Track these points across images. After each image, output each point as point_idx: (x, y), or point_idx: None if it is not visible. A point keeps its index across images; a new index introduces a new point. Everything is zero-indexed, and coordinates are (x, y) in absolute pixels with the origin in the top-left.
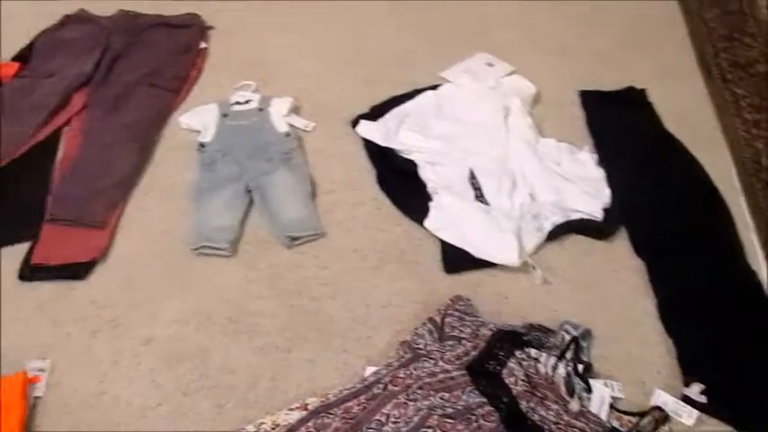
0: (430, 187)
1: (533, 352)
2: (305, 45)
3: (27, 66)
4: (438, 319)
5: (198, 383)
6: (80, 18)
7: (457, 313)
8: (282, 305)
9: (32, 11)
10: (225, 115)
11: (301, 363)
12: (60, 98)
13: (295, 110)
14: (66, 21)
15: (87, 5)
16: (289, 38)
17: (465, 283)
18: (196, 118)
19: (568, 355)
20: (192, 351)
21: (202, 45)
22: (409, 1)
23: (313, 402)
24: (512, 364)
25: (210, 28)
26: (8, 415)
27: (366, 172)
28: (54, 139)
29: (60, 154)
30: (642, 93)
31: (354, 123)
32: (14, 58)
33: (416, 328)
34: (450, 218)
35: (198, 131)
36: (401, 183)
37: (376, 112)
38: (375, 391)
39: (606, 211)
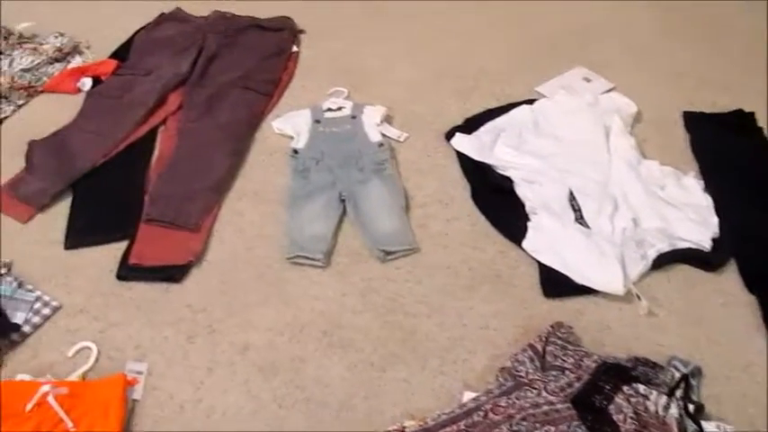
0: (528, 207)
1: (642, 388)
2: (397, 54)
3: (125, 63)
4: (539, 346)
5: (292, 396)
6: (176, 17)
7: (559, 341)
8: (376, 320)
9: (126, 8)
10: (317, 121)
11: (396, 383)
12: (157, 97)
13: (387, 119)
14: (163, 19)
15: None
16: (381, 46)
17: (565, 309)
18: (289, 123)
19: (678, 393)
20: (286, 362)
21: (294, 49)
22: (506, 14)
23: (411, 426)
24: (619, 399)
25: (302, 32)
26: (109, 416)
27: (460, 187)
28: (150, 137)
29: (156, 153)
30: (751, 116)
31: (448, 136)
32: (112, 55)
33: (516, 355)
34: (550, 240)
35: (290, 137)
36: (497, 200)
37: (470, 125)
38: (475, 418)
39: (715, 241)
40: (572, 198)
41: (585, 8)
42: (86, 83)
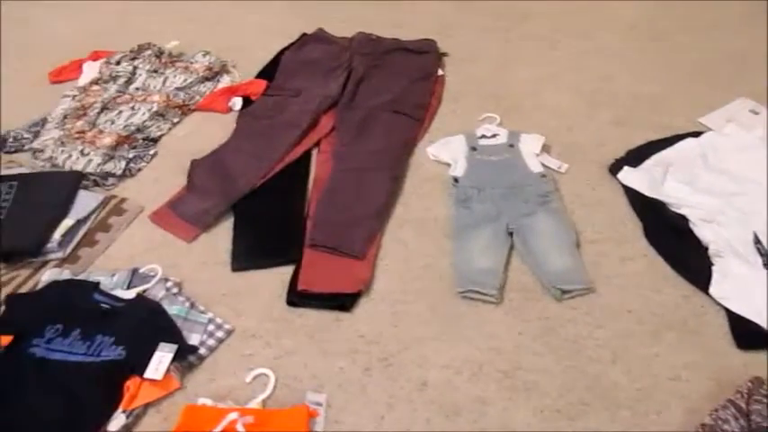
0: (712, 249)
1: None
2: (544, 78)
3: (272, 83)
4: (742, 404)
5: None
6: (320, 38)
7: (765, 400)
8: (558, 364)
9: (266, 28)
10: (474, 149)
11: None
12: (311, 119)
13: (545, 148)
14: (307, 40)
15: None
16: (529, 70)
17: (761, 362)
18: (444, 150)
19: None
20: (467, 403)
21: (440, 72)
22: (654, 38)
23: None
24: None
25: (445, 54)
26: None
27: (631, 223)
28: (305, 160)
29: (312, 176)
30: None
31: (613, 168)
32: (259, 75)
33: (717, 411)
34: (739, 286)
35: (446, 164)
36: (674, 240)
37: (633, 158)
38: None
39: None
40: (757, 241)
41: (738, 33)
42: (237, 102)
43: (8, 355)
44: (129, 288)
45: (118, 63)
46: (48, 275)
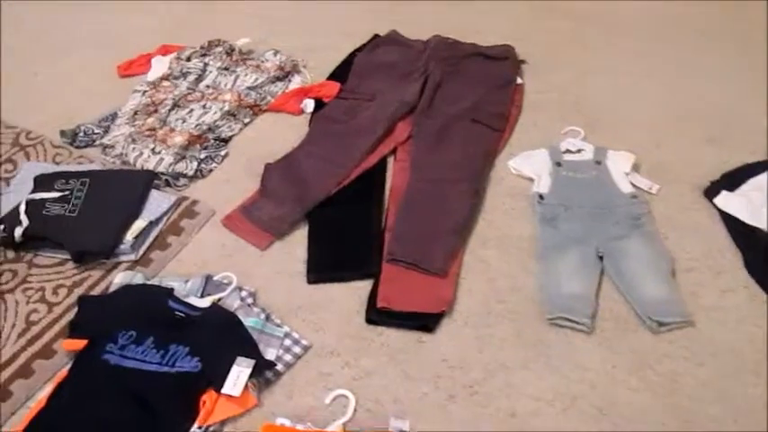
0: None
1: None
2: (628, 90)
3: (345, 86)
4: None
5: None
6: (393, 40)
7: None
8: (656, 402)
9: (337, 27)
10: (558, 164)
11: None
12: (387, 125)
13: (634, 167)
14: (380, 42)
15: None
16: (612, 81)
17: None
18: (527, 164)
19: None
20: None
21: (519, 80)
22: (755, 55)
23: None
24: None
25: (524, 62)
26: None
27: (729, 252)
28: (381, 168)
29: (389, 185)
30: None
31: (709, 192)
32: (331, 76)
33: None
34: None
35: (529, 179)
36: None
37: (729, 181)
38: None
39: None
40: None
41: None
42: (309, 104)
43: (82, 360)
44: (202, 296)
45: (188, 59)
46: (120, 278)
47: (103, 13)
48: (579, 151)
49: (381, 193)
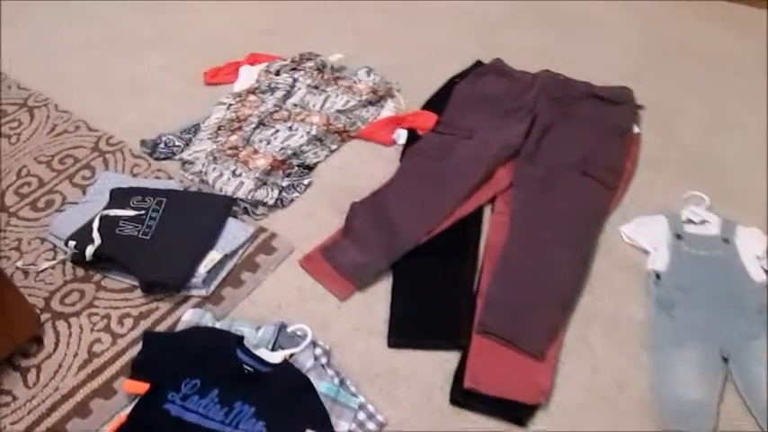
0: None
1: None
2: (762, 152)
3: (442, 118)
4: None
5: None
6: (499, 70)
7: None
8: None
9: (433, 47)
10: (678, 236)
11: None
12: (487, 169)
13: None
14: (484, 71)
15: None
16: (745, 139)
17: None
18: (642, 232)
19: None
20: None
21: (636, 129)
22: None
23: None
24: None
25: (641, 107)
26: None
27: None
28: (476, 218)
29: (484, 240)
30: None
31: None
32: (426, 105)
33: None
34: None
35: (644, 250)
36: None
37: None
38: None
39: None
40: None
41: None
42: (402, 135)
43: (142, 408)
44: (274, 348)
45: (277, 73)
46: (189, 316)
47: (189, 12)
48: (703, 223)
49: (476, 249)
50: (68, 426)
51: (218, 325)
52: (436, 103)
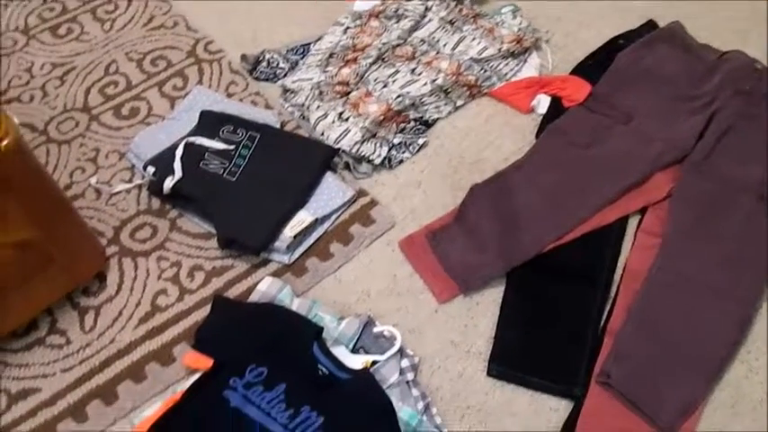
0: None
1: None
2: None
3: (595, 89)
4: None
5: None
6: (677, 41)
7: None
8: None
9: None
10: None
11: None
12: (643, 171)
13: None
14: (657, 38)
15: None
16: None
17: None
18: None
19: None
20: None
21: None
22: None
23: None
24: None
25: None
26: None
27: None
28: (618, 230)
29: (625, 263)
30: None
31: None
32: (576, 69)
33: None
34: None
35: None
36: None
37: None
38: None
39: None
40: None
41: None
42: (543, 103)
43: (200, 390)
44: (355, 349)
45: None
46: (266, 285)
47: None
48: None
49: (612, 272)
50: (119, 388)
51: (296, 303)
52: (591, 69)
